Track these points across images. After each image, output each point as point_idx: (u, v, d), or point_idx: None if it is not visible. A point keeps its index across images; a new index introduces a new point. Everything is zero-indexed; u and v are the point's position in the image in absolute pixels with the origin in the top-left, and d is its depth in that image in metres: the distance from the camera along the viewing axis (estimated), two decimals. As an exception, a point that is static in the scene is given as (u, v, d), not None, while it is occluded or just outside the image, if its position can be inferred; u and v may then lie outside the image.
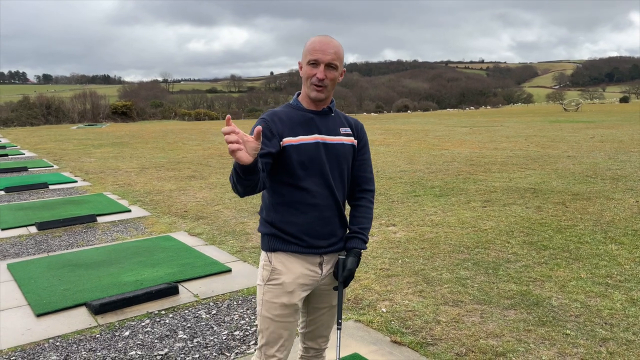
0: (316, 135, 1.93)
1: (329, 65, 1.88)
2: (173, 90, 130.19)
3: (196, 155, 13.83)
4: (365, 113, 69.26)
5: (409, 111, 71.50)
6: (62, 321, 3.61)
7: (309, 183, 1.91)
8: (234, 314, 3.71)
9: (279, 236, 1.93)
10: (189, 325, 3.55)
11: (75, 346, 3.26)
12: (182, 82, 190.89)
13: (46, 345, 3.27)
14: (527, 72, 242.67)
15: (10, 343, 3.29)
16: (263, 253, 2.00)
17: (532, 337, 3.22)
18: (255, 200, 7.65)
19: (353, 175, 2.07)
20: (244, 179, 1.62)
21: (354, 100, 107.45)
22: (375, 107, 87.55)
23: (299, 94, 2.01)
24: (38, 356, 3.13)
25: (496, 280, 4.22)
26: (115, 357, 3.12)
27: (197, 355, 3.13)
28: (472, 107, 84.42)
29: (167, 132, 23.44)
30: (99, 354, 3.16)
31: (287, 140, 1.88)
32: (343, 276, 1.95)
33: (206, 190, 8.55)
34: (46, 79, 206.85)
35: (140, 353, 3.16)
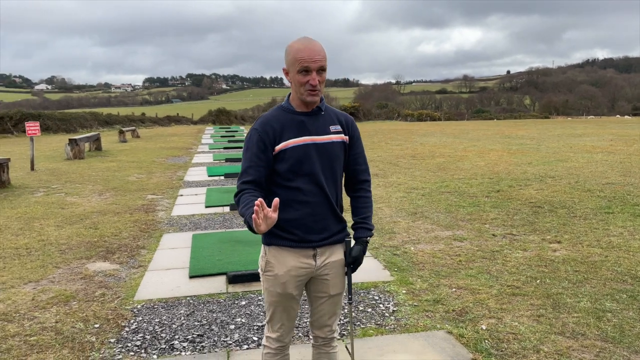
0: (306, 137, 2.03)
1: (320, 70, 1.96)
2: (404, 91, 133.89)
3: (391, 154, 14.24)
4: (617, 115, 59.58)
5: (677, 114, 58.80)
6: (203, 284, 4.37)
7: (300, 183, 2.03)
8: (336, 304, 3.92)
9: (273, 232, 2.06)
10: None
11: (201, 305, 3.93)
12: (413, 84, 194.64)
13: (183, 301, 4.03)
14: None
15: (161, 295, 4.15)
16: (262, 245, 2.18)
17: (648, 392, 2.63)
18: (421, 202, 7.63)
19: (348, 169, 2.18)
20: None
21: (604, 100, 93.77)
22: (631, 108, 74.77)
23: (290, 95, 2.10)
24: (173, 308, 3.89)
25: (647, 319, 3.47)
26: (224, 320, 3.67)
27: (285, 332, 3.46)
28: None
29: (378, 132, 24.49)
30: (214, 315, 3.76)
31: (283, 145, 2.01)
32: (348, 262, 2.13)
33: (380, 189, 8.85)
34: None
35: (243, 321, 3.65)
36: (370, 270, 4.67)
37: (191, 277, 4.53)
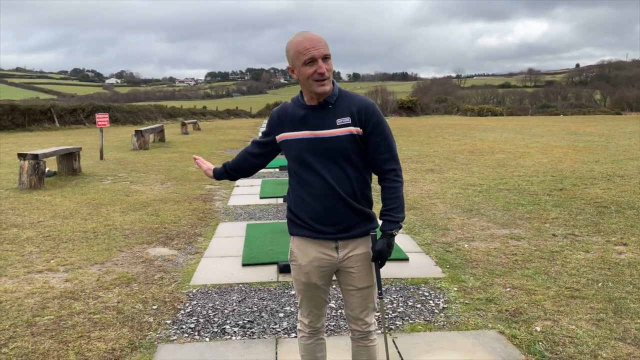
0: (305, 132, 2.04)
1: (325, 57, 1.96)
2: (464, 85, 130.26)
3: (448, 149, 13.94)
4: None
5: None
6: (255, 273, 4.48)
7: (307, 176, 2.06)
8: (385, 299, 3.91)
9: (294, 221, 2.15)
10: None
11: (253, 293, 4.04)
12: (474, 77, 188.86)
13: (235, 287, 4.16)
14: None
15: (215, 281, 4.29)
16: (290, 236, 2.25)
17: None
18: (477, 198, 7.44)
19: (370, 159, 2.10)
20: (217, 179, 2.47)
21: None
22: None
23: (302, 92, 2.12)
24: (225, 294, 4.02)
25: None
26: (274, 307, 3.76)
27: (333, 323, 3.49)
28: None
29: (435, 127, 24.02)
30: (264, 302, 3.85)
31: (281, 136, 2.11)
32: (373, 257, 2.10)
33: (436, 184, 8.70)
34: (355, 77, 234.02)
35: (292, 310, 3.72)
36: (421, 266, 4.61)
37: (244, 265, 4.66)
